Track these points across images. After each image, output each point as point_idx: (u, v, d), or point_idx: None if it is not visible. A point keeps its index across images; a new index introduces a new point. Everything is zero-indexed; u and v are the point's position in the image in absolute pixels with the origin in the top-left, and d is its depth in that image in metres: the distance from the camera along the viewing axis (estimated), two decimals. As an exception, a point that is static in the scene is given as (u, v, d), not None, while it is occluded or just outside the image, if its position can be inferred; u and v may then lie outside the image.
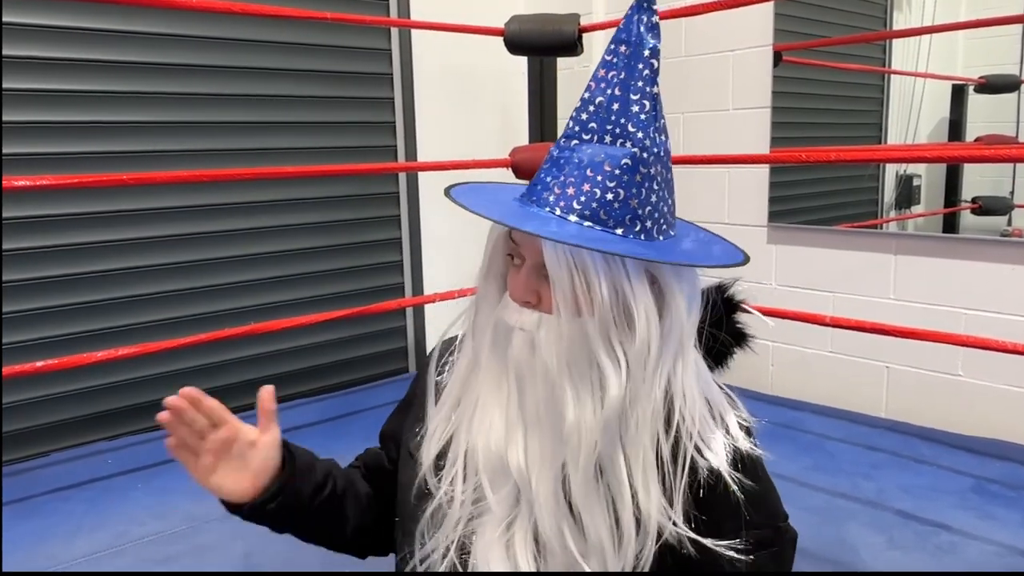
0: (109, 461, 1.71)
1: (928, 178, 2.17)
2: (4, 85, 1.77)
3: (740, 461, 0.79)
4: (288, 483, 0.86)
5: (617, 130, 0.73)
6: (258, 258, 2.21)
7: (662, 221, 0.76)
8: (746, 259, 0.79)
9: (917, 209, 2.19)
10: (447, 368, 0.89)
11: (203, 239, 2.11)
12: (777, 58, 2.20)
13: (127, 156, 1.96)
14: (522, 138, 2.30)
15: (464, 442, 0.80)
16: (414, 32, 2.41)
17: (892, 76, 2.19)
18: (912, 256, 1.99)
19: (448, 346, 0.92)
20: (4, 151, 1.78)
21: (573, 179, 0.73)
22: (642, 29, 0.74)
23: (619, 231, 0.73)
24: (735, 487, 0.77)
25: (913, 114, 2.15)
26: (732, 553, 0.76)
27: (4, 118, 1.77)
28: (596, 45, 2.55)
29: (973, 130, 2.03)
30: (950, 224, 2.07)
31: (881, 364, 2.07)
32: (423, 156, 2.47)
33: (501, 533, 0.77)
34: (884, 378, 2.07)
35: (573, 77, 2.57)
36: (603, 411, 0.73)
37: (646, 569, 0.75)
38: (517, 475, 0.76)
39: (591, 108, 0.75)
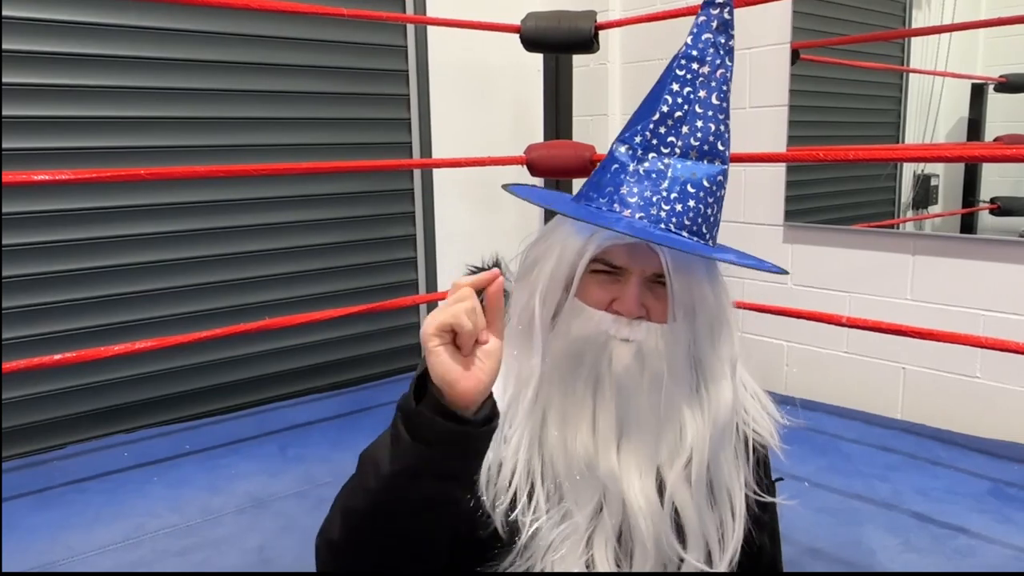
0: (126, 454, 1.73)
1: (946, 178, 2.15)
2: (18, 79, 1.78)
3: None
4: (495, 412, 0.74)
5: (706, 147, 0.77)
6: (273, 254, 2.22)
7: (717, 229, 0.82)
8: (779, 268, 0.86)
9: (934, 209, 2.17)
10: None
11: (219, 234, 2.12)
12: (795, 56, 2.19)
13: (144, 151, 1.97)
14: (537, 135, 2.29)
15: (539, 464, 0.79)
16: (430, 28, 2.41)
17: (910, 75, 2.17)
18: (931, 256, 1.97)
19: None
20: (20, 145, 1.80)
21: (677, 195, 0.76)
22: (721, 52, 0.78)
23: (710, 242, 0.79)
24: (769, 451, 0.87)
25: (931, 113, 2.13)
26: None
27: (20, 113, 1.79)
28: (612, 42, 2.54)
29: (992, 130, 2.01)
30: (968, 225, 2.05)
31: (897, 365, 2.05)
32: (438, 153, 2.47)
33: (584, 548, 0.77)
34: (900, 379, 2.05)
35: (589, 74, 2.57)
36: (716, 417, 0.77)
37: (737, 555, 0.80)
38: (608, 480, 0.76)
39: (669, 123, 0.77)
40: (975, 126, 2.03)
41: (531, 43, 2.04)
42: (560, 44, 2.03)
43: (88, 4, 1.86)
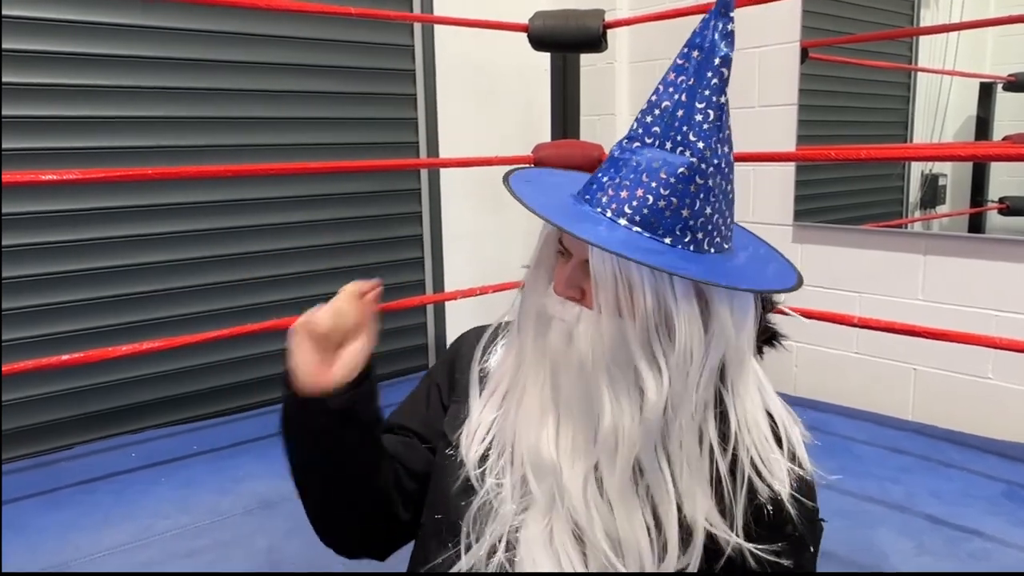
0: (134, 454, 1.72)
1: (954, 177, 2.14)
2: (27, 79, 1.78)
3: (801, 489, 0.79)
4: (363, 387, 0.82)
5: (679, 137, 0.72)
6: (280, 254, 2.22)
7: (715, 233, 0.74)
8: (799, 283, 0.77)
9: (942, 209, 2.16)
10: (489, 355, 0.89)
11: (225, 234, 2.12)
12: (804, 55, 2.18)
13: (150, 151, 1.97)
14: (545, 135, 2.28)
15: (511, 432, 0.80)
16: (437, 28, 2.40)
17: (918, 74, 2.16)
18: (942, 256, 1.96)
19: (479, 334, 0.92)
20: (27, 145, 1.79)
21: (628, 182, 0.72)
22: (716, 36, 0.72)
23: (668, 240, 0.72)
24: (795, 520, 0.76)
25: (939, 112, 2.12)
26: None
27: (26, 112, 1.79)
28: (620, 41, 2.53)
29: (1001, 128, 2.00)
30: (976, 225, 2.04)
31: (908, 366, 2.04)
32: (445, 153, 2.46)
33: (544, 526, 0.77)
34: (911, 380, 2.04)
35: (597, 74, 2.56)
36: (642, 416, 0.72)
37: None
38: (549, 465, 0.76)
39: (656, 112, 0.74)
40: (983, 125, 2.02)
41: (539, 42, 2.03)
42: (568, 43, 2.02)
43: (94, 3, 1.86)
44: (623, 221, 0.72)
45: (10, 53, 1.75)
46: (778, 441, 0.79)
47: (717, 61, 0.72)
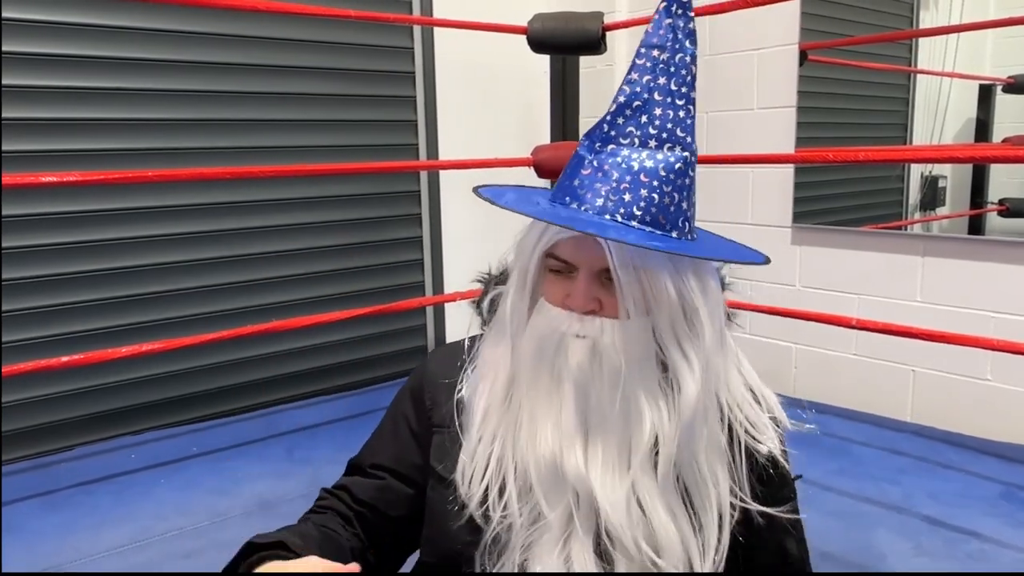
0: (133, 456, 1.73)
1: (954, 179, 2.14)
2: (29, 82, 1.79)
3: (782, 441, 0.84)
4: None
5: (664, 135, 0.74)
6: (280, 256, 2.22)
7: (695, 220, 0.78)
8: (766, 259, 0.84)
9: (942, 211, 2.16)
10: (462, 384, 0.86)
11: (224, 236, 2.12)
12: (803, 57, 2.18)
13: (150, 153, 1.97)
14: (544, 137, 2.29)
15: (512, 462, 0.78)
16: (436, 30, 2.41)
17: (918, 76, 2.16)
18: (940, 258, 1.96)
19: (443, 360, 0.91)
20: (28, 147, 1.80)
21: (628, 184, 0.73)
22: (680, 35, 0.75)
23: (674, 234, 0.74)
24: (788, 468, 0.82)
25: (939, 114, 2.12)
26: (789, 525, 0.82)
27: (27, 115, 1.79)
28: (619, 43, 2.54)
29: (1000, 131, 2.00)
30: (975, 226, 2.04)
31: (907, 368, 2.04)
32: (444, 155, 2.46)
33: (560, 551, 0.76)
34: (910, 382, 2.04)
35: (596, 76, 2.56)
36: (682, 412, 0.74)
37: (724, 559, 0.77)
38: (576, 481, 0.75)
39: (627, 113, 0.75)
40: (983, 127, 2.02)
41: (538, 44, 2.04)
42: (567, 45, 2.02)
43: (95, 6, 1.86)
44: (635, 223, 0.73)
45: (13, 56, 1.76)
46: (757, 404, 0.84)
47: (688, 59, 0.75)
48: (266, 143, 2.15)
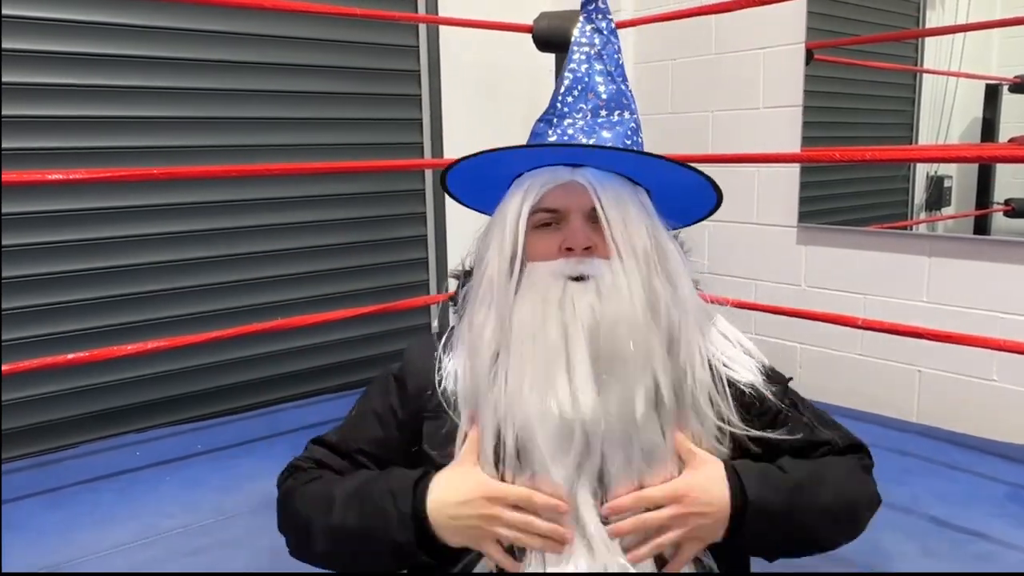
0: (138, 453, 1.73)
1: (959, 179, 2.14)
2: (33, 79, 1.79)
3: (770, 373, 0.90)
4: None
5: (612, 103, 0.85)
6: (284, 254, 2.22)
7: None
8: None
9: (948, 211, 2.15)
10: (443, 375, 0.87)
11: (230, 234, 2.12)
12: (809, 56, 2.18)
13: (155, 151, 1.97)
14: (549, 136, 2.28)
15: (512, 433, 0.78)
16: (442, 28, 2.40)
17: (924, 75, 2.15)
18: (946, 258, 1.96)
19: (424, 350, 0.92)
20: (34, 145, 1.80)
21: (597, 130, 0.83)
22: (605, 33, 0.88)
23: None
24: (776, 392, 0.87)
25: (945, 114, 2.12)
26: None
27: (35, 112, 1.80)
28: (625, 42, 2.53)
29: (1007, 130, 1.99)
30: (981, 226, 2.04)
31: (913, 368, 2.03)
32: (449, 153, 2.46)
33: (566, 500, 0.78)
34: (916, 382, 2.03)
35: (600, 75, 2.55)
36: (682, 349, 0.80)
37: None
38: (592, 424, 0.76)
39: (575, 92, 0.85)
40: (989, 126, 2.02)
41: (543, 43, 2.04)
42: (573, 44, 2.01)
43: (100, 4, 1.86)
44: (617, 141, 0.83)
45: (16, 53, 1.76)
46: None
47: (614, 49, 0.88)
48: (271, 141, 2.15)
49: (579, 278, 0.79)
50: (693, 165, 0.84)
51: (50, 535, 1.38)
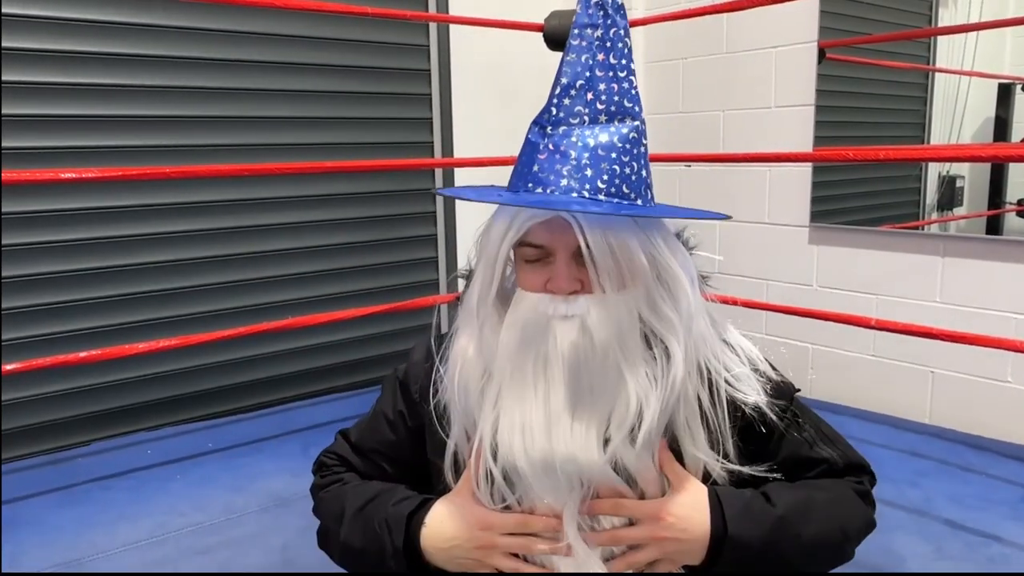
0: (149, 451, 1.73)
1: (971, 179, 2.12)
2: (42, 78, 1.79)
3: (775, 389, 0.87)
4: None
5: (612, 108, 0.76)
6: (294, 253, 2.23)
7: (652, 188, 0.81)
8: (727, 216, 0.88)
9: (960, 211, 2.14)
10: (439, 388, 0.88)
11: (241, 233, 2.13)
12: (821, 55, 2.16)
13: (166, 150, 1.98)
14: (559, 135, 2.28)
15: (498, 461, 0.79)
16: (452, 27, 2.40)
17: (936, 74, 2.14)
18: (960, 258, 1.94)
19: (424, 360, 0.94)
20: (44, 144, 1.81)
21: (588, 161, 0.75)
22: (610, 11, 0.78)
23: (639, 201, 0.77)
24: (779, 413, 0.85)
25: (957, 113, 2.10)
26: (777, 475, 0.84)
27: (43, 111, 1.80)
28: (636, 41, 2.52)
29: (1020, 130, 1.98)
30: (993, 227, 2.02)
31: (926, 369, 2.02)
32: (459, 153, 2.46)
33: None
34: (929, 383, 2.02)
35: (611, 74, 2.55)
36: (668, 379, 0.76)
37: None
38: (563, 462, 0.76)
39: (572, 92, 0.77)
40: (1002, 126, 2.00)
41: (554, 42, 2.03)
42: (583, 43, 2.01)
43: (104, 2, 1.87)
44: (602, 196, 0.75)
45: (20, 52, 1.77)
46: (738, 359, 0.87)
47: (621, 32, 0.78)
48: (281, 140, 2.15)
49: (563, 316, 0.77)
50: (692, 209, 0.84)
51: (63, 532, 1.39)
